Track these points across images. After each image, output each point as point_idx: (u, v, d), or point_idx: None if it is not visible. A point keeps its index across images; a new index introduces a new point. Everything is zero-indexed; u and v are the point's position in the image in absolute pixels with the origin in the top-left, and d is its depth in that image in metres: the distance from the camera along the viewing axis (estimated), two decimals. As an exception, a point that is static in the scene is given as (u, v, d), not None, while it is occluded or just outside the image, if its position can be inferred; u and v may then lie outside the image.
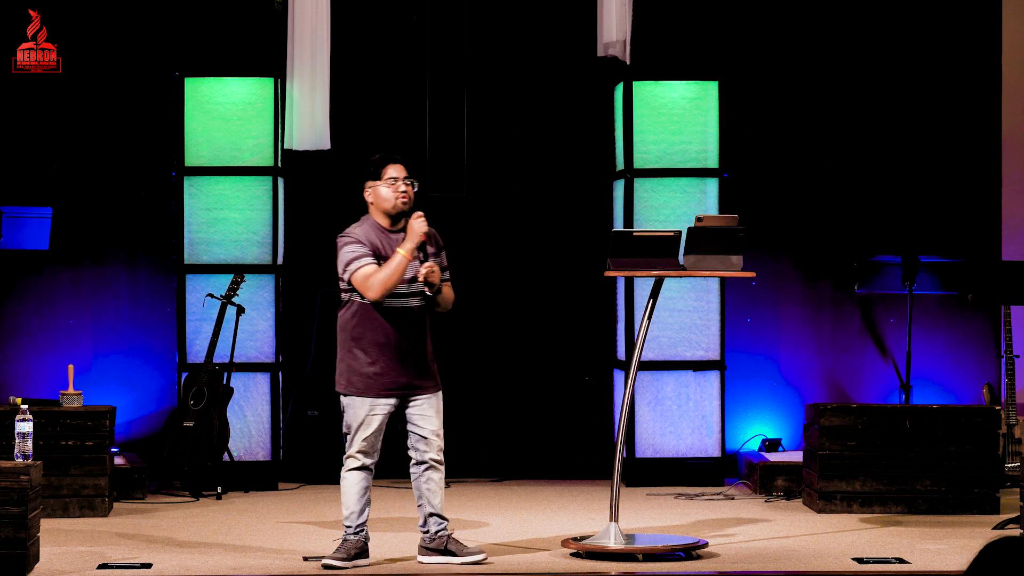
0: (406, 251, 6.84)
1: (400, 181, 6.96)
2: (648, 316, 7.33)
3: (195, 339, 9.61)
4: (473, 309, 10.26)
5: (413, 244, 6.85)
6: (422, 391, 6.96)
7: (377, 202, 6.99)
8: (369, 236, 6.93)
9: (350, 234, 6.95)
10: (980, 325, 10.33)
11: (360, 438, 6.91)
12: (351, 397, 6.94)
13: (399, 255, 6.83)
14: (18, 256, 9.64)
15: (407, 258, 6.84)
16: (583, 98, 10.36)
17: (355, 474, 6.95)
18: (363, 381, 6.91)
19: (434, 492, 7.03)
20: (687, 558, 7.18)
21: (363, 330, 6.91)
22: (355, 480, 6.95)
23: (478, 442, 10.22)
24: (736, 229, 7.25)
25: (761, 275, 9.96)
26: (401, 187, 6.95)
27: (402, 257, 6.84)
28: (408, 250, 6.85)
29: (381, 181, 6.98)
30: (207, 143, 9.70)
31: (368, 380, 6.90)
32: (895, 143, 10.38)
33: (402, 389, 6.92)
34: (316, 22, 9.65)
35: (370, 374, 6.90)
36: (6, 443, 8.10)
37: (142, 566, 6.97)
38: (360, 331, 6.92)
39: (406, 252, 6.84)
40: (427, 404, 6.97)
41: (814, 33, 10.35)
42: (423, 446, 6.98)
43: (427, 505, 7.03)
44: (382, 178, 6.98)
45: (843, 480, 8.61)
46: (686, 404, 9.82)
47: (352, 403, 6.94)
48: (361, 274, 6.84)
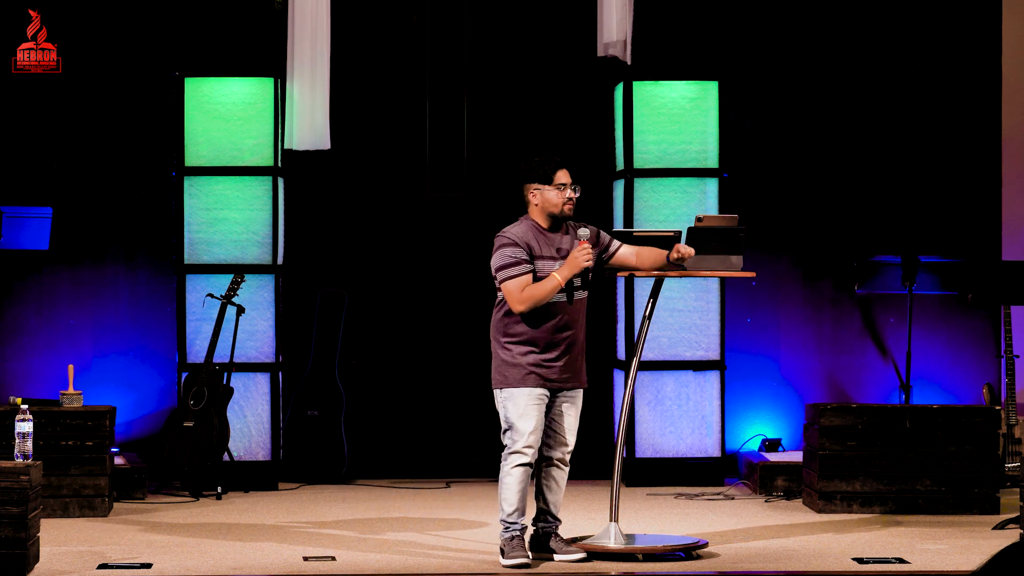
0: (562, 278, 6.88)
1: (568, 188, 6.99)
2: (648, 316, 7.33)
3: (195, 339, 9.62)
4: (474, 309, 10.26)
5: (570, 273, 6.89)
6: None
7: (543, 205, 7.00)
8: (526, 237, 6.95)
9: (507, 234, 6.97)
10: (980, 325, 10.34)
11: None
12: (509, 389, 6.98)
13: (555, 280, 6.88)
14: (18, 256, 9.64)
15: (561, 284, 6.88)
16: (583, 98, 10.36)
17: (518, 471, 6.95)
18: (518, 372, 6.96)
19: (552, 490, 7.10)
20: (687, 558, 7.18)
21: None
22: (519, 476, 6.95)
23: (478, 442, 10.21)
24: (736, 229, 7.25)
25: (761, 275, 9.97)
26: (569, 194, 6.99)
27: (558, 282, 6.87)
28: (564, 277, 6.88)
29: (550, 186, 6.97)
30: (207, 143, 9.71)
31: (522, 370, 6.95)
32: (895, 143, 10.38)
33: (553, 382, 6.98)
34: (316, 22, 9.65)
35: (523, 364, 6.94)
36: (6, 443, 8.10)
37: (142, 566, 6.97)
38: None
39: (562, 279, 6.88)
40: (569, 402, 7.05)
41: (814, 33, 10.36)
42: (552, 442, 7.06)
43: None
44: (552, 183, 6.97)
45: (843, 480, 8.61)
46: (686, 404, 9.82)
47: (512, 395, 6.98)
48: (513, 284, 6.90)
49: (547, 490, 7.07)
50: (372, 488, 9.69)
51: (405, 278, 10.39)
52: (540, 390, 6.93)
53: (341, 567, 7.01)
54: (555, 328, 6.93)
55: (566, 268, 6.89)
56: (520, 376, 6.93)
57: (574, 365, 7.01)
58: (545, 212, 7.00)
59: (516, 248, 6.91)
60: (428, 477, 10.02)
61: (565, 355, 6.96)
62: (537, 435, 6.93)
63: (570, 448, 7.07)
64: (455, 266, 10.36)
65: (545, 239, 6.98)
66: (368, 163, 10.37)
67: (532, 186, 7.00)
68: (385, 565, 7.06)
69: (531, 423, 6.91)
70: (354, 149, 10.27)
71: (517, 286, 6.88)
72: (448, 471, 10.15)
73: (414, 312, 10.40)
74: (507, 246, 6.93)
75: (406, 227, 10.40)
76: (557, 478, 7.07)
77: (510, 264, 6.91)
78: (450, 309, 10.34)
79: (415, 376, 10.38)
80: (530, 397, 6.92)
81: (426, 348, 10.39)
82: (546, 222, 7.01)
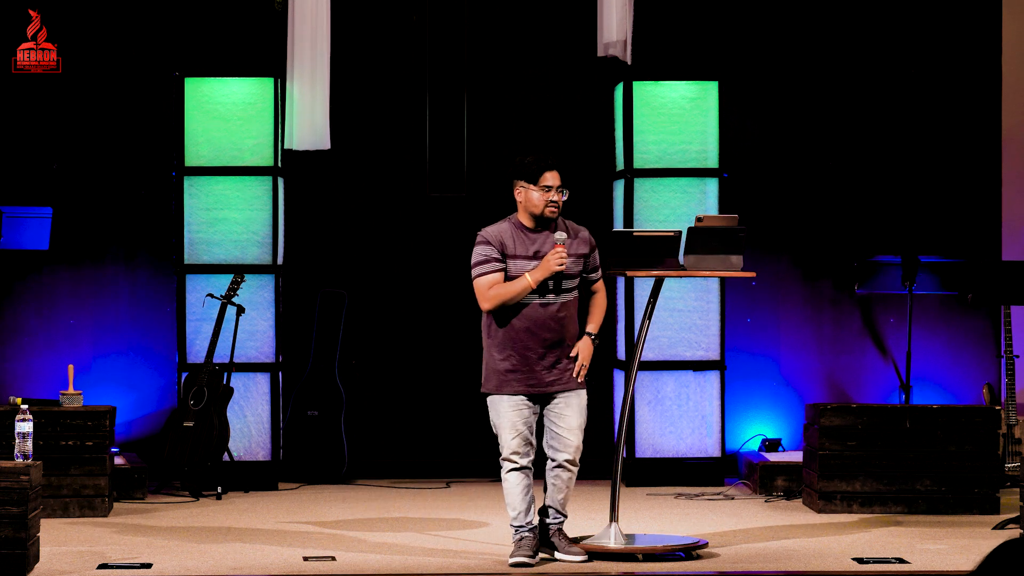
0: (533, 280, 6.86)
1: (554, 190, 6.95)
2: (648, 316, 7.33)
3: (195, 339, 9.62)
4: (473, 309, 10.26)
5: (541, 276, 6.86)
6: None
7: (526, 205, 6.99)
8: (502, 237, 6.95)
9: (484, 233, 6.99)
10: (980, 325, 10.33)
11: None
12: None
13: (526, 280, 6.86)
14: (18, 256, 9.64)
15: (531, 286, 6.86)
16: (583, 98, 10.36)
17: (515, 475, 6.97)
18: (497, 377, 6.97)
19: (558, 488, 7.07)
20: (687, 558, 7.18)
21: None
22: (513, 481, 6.96)
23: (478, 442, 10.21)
24: (736, 229, 7.25)
25: (761, 275, 9.97)
26: (553, 196, 6.95)
27: (527, 284, 6.86)
28: (535, 279, 6.86)
29: (535, 186, 6.95)
30: (207, 143, 9.71)
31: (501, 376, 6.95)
32: (895, 143, 10.38)
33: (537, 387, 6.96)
34: (316, 22, 9.65)
35: (502, 370, 6.94)
36: (6, 443, 8.10)
37: (142, 566, 6.97)
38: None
39: (533, 281, 6.86)
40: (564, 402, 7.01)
41: (814, 33, 10.35)
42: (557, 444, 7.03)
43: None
44: (538, 183, 6.95)
45: (843, 480, 8.60)
46: (686, 404, 9.82)
47: (493, 402, 7.00)
48: (481, 282, 6.91)
49: (553, 488, 7.04)
50: (372, 488, 9.69)
51: (405, 278, 10.39)
52: (519, 397, 6.92)
53: (341, 567, 7.01)
54: (531, 330, 6.90)
55: (538, 271, 6.87)
56: (498, 383, 6.94)
57: (562, 368, 6.97)
58: (528, 212, 6.99)
59: (488, 247, 6.93)
60: (428, 477, 10.02)
61: (547, 359, 6.92)
62: (521, 440, 6.92)
63: (575, 447, 6.99)
64: (455, 266, 10.34)
65: (525, 239, 6.96)
66: (368, 163, 10.37)
67: (519, 183, 7.00)
68: (385, 565, 7.06)
69: (512, 431, 6.91)
70: (354, 149, 10.27)
71: (485, 284, 6.90)
72: (448, 471, 10.15)
73: (414, 312, 10.40)
74: (480, 244, 6.96)
75: (406, 227, 10.39)
76: (564, 479, 7.02)
77: (480, 262, 6.93)
78: (450, 309, 10.34)
79: (415, 376, 10.38)
80: (510, 403, 6.92)
81: (426, 348, 10.39)
82: (529, 221, 6.99)
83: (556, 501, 7.07)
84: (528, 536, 6.97)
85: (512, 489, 6.95)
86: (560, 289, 6.94)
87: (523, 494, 6.95)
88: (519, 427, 6.91)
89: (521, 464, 6.92)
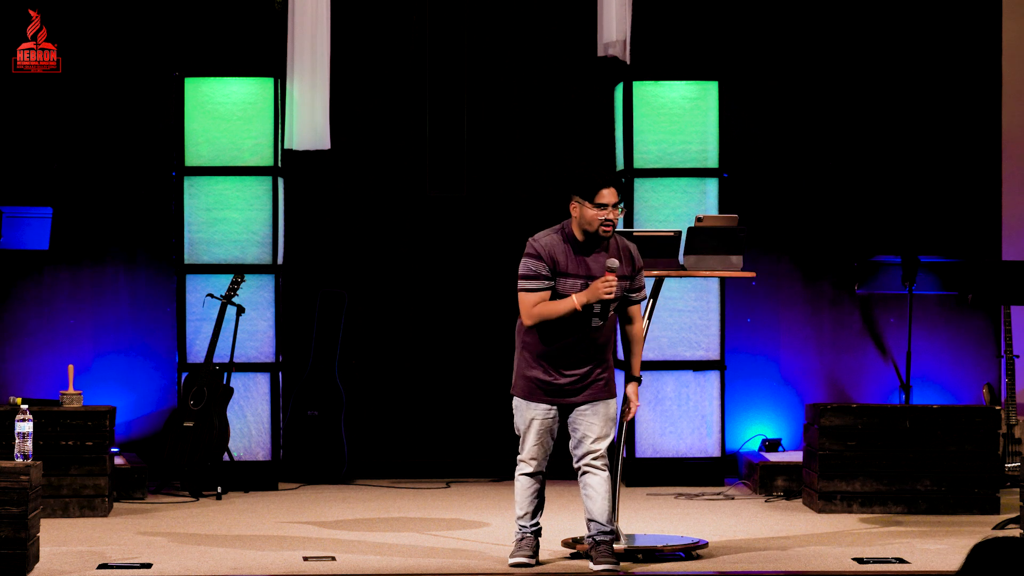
0: (579, 303, 6.71)
1: (609, 209, 6.72)
2: (648, 316, 7.33)
3: (195, 339, 9.62)
4: (474, 309, 10.28)
5: (587, 301, 6.71)
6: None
7: (580, 221, 6.76)
8: (553, 251, 6.76)
9: (535, 244, 6.79)
10: (980, 325, 10.34)
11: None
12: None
13: (572, 302, 6.71)
14: (18, 256, 9.64)
15: (577, 308, 6.72)
16: (583, 98, 10.36)
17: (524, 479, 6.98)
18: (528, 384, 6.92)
19: (591, 498, 6.94)
20: (687, 558, 7.18)
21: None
22: (524, 483, 6.96)
23: (478, 442, 10.22)
24: (736, 229, 7.25)
25: (761, 275, 9.97)
26: (607, 215, 6.72)
27: (572, 307, 6.71)
28: (580, 303, 6.71)
29: (591, 204, 6.72)
30: (207, 143, 9.71)
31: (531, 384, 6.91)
32: (895, 143, 10.38)
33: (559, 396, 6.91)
34: (316, 22, 9.65)
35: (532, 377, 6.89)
36: (6, 443, 8.10)
37: (142, 566, 6.97)
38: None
39: (578, 304, 6.71)
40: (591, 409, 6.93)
41: (814, 33, 10.35)
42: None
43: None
44: (594, 201, 6.72)
45: (843, 480, 8.61)
46: (686, 404, 9.82)
47: (518, 406, 6.98)
48: (527, 298, 6.76)
49: (585, 498, 6.91)
50: (372, 488, 9.69)
51: (405, 278, 10.39)
52: (545, 405, 6.88)
53: (341, 567, 7.01)
54: (566, 348, 6.81)
55: (585, 295, 6.71)
56: (527, 390, 6.89)
57: (591, 382, 6.88)
58: (581, 227, 6.77)
59: (538, 262, 6.75)
60: (428, 477, 10.02)
61: (576, 374, 6.84)
62: (541, 448, 6.91)
63: (599, 450, 6.86)
64: (455, 266, 10.36)
65: (576, 255, 6.78)
66: (368, 163, 10.37)
67: (575, 198, 6.76)
68: (385, 565, 7.06)
69: (533, 437, 6.90)
70: (354, 149, 10.27)
71: (530, 301, 6.75)
72: (448, 471, 10.15)
73: (414, 312, 10.40)
74: (530, 257, 6.76)
75: (406, 227, 10.39)
76: (593, 484, 6.86)
77: (529, 277, 6.76)
78: (450, 309, 10.34)
79: (415, 376, 10.38)
80: (536, 411, 6.88)
81: (426, 348, 10.39)
82: (582, 236, 6.79)
83: (593, 512, 6.87)
84: (529, 536, 6.97)
85: (522, 491, 6.98)
86: (603, 313, 6.82)
87: (531, 497, 6.96)
88: (542, 434, 6.90)
89: (534, 470, 6.94)
